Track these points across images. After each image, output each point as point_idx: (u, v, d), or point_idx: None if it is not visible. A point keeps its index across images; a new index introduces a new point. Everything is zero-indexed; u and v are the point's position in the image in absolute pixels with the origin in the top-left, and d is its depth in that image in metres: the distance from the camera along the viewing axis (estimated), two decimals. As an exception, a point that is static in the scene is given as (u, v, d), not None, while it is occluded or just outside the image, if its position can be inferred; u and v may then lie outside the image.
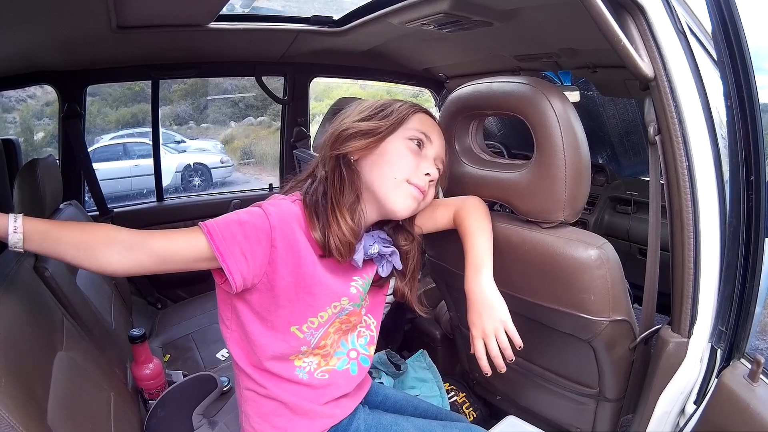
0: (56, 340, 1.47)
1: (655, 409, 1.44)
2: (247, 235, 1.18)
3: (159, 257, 1.18)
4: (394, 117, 1.36)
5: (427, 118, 1.43)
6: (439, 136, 1.44)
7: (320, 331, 1.33)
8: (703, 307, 1.36)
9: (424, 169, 1.36)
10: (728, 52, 1.20)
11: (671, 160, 1.34)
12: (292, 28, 2.76)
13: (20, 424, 0.97)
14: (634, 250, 3.04)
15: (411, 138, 1.37)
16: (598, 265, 1.38)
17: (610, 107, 3.28)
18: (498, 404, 2.17)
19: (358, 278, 1.39)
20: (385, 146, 1.35)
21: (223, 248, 1.17)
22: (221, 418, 1.75)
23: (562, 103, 1.38)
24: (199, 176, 11.12)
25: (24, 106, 11.81)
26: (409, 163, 1.35)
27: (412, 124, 1.38)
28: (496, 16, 2.10)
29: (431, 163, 1.39)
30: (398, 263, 1.44)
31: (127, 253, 1.15)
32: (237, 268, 1.17)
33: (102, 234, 1.18)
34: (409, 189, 1.34)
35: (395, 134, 1.36)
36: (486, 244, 1.44)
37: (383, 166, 1.34)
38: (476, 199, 1.56)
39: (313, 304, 1.28)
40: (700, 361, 1.38)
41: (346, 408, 1.44)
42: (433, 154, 1.40)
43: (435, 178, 1.41)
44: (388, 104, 1.40)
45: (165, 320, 2.92)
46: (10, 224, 1.09)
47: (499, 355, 1.27)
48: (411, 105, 1.42)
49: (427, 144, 1.39)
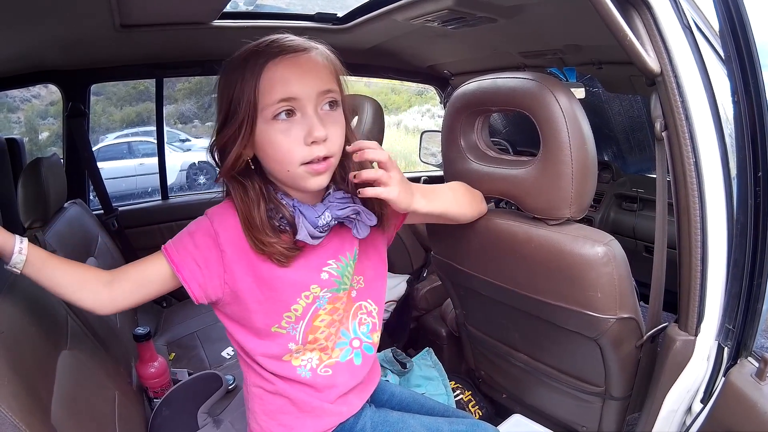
0: (60, 339, 1.47)
1: (662, 408, 1.43)
2: (198, 245, 1.21)
3: (135, 282, 1.26)
4: (243, 108, 1.13)
5: (273, 70, 1.14)
6: (303, 69, 1.16)
7: (300, 325, 1.29)
8: (711, 304, 1.35)
9: (308, 139, 1.13)
10: (735, 47, 1.19)
11: (678, 156, 1.33)
12: (295, 26, 2.74)
13: (24, 424, 0.97)
14: (640, 248, 3.03)
15: (275, 117, 1.14)
16: (605, 262, 1.38)
17: (616, 104, 3.27)
18: (504, 402, 2.17)
19: (332, 261, 1.29)
20: (258, 141, 1.16)
21: (177, 260, 1.21)
22: (226, 417, 1.75)
23: (568, 98, 1.38)
24: (204, 174, 11.16)
25: (28, 106, 11.88)
26: (289, 146, 1.14)
27: (264, 100, 1.13)
28: (501, 13, 2.09)
29: (313, 121, 1.14)
30: (369, 219, 1.28)
31: (110, 285, 1.24)
32: (192, 277, 1.20)
33: (91, 270, 1.29)
34: (305, 170, 1.16)
35: (258, 123, 1.14)
36: (448, 190, 1.48)
37: (270, 163, 1.19)
38: (463, 184, 1.58)
39: (281, 299, 1.25)
40: (707, 359, 1.37)
41: (353, 406, 1.42)
42: (311, 100, 1.15)
43: (325, 136, 1.15)
44: (225, 91, 1.17)
45: (170, 318, 2.92)
46: (16, 244, 1.14)
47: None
48: (247, 71, 1.14)
49: (297, 104, 1.14)
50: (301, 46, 1.18)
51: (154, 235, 3.34)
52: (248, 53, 1.17)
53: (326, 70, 1.20)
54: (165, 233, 3.32)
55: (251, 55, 1.15)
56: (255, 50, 1.16)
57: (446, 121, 1.72)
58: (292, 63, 1.15)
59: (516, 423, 1.84)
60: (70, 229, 2.32)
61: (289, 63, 1.15)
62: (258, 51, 1.16)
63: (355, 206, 1.26)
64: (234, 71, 1.16)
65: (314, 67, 1.18)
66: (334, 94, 1.20)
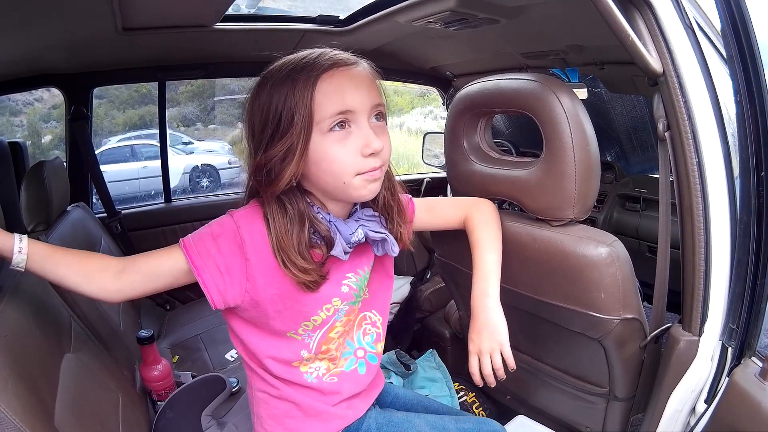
0: (64, 342, 1.47)
1: (666, 408, 1.43)
2: (221, 250, 1.17)
3: (146, 275, 1.22)
4: (298, 120, 1.11)
5: (329, 82, 1.13)
6: (357, 82, 1.17)
7: (317, 334, 1.29)
8: (714, 304, 1.35)
9: (366, 150, 1.15)
10: (737, 46, 1.19)
11: (681, 156, 1.33)
12: (298, 28, 2.74)
13: (27, 427, 0.97)
14: (643, 248, 3.02)
15: (331, 129, 1.13)
16: (609, 263, 1.37)
17: (618, 104, 3.26)
18: (508, 404, 2.17)
19: (351, 275, 1.31)
20: (311, 155, 1.14)
21: (199, 262, 1.17)
22: (230, 419, 1.74)
23: (570, 99, 1.38)
24: (207, 177, 11.19)
25: (31, 110, 11.90)
26: (346, 157, 1.14)
27: (321, 112, 1.12)
28: (503, 13, 2.09)
29: (368, 132, 1.16)
30: (393, 250, 1.31)
31: (119, 275, 1.20)
32: (213, 283, 1.17)
33: (97, 260, 1.26)
34: (362, 179, 1.17)
35: (313, 137, 1.13)
36: (495, 260, 1.44)
37: (322, 176, 1.17)
38: (489, 205, 1.55)
39: (302, 311, 1.25)
40: (711, 359, 1.37)
41: (358, 409, 1.42)
42: (365, 112, 1.17)
43: (382, 147, 1.17)
44: (270, 105, 1.14)
45: (174, 321, 2.92)
46: (15, 244, 1.12)
47: (491, 374, 1.31)
48: (299, 83, 1.12)
49: (352, 116, 1.15)
50: (351, 59, 1.19)
51: (157, 238, 3.34)
52: (294, 66, 1.15)
53: (374, 83, 1.21)
54: (168, 236, 3.35)
55: (302, 68, 1.14)
56: (304, 63, 1.15)
57: (449, 122, 1.72)
58: (346, 75, 1.15)
59: (520, 424, 1.83)
60: (73, 232, 2.32)
61: (343, 75, 1.15)
62: (309, 63, 1.14)
63: (384, 234, 1.28)
64: (281, 85, 1.14)
65: (366, 79, 1.19)
66: (382, 107, 1.22)
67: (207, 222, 1.21)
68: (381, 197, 1.29)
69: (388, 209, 1.33)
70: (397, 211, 1.35)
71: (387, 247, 1.29)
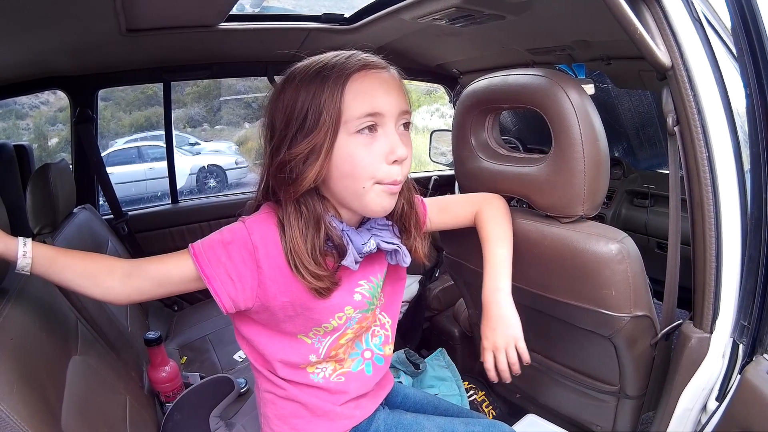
0: (70, 345, 1.47)
1: (677, 407, 1.42)
2: (232, 257, 1.16)
3: (155, 280, 1.21)
4: (325, 119, 1.09)
5: (360, 82, 1.12)
6: (387, 86, 1.15)
7: (328, 339, 1.29)
8: (725, 301, 1.34)
9: (391, 157, 1.13)
10: (747, 39, 1.18)
11: (691, 151, 1.32)
12: (302, 27, 2.73)
13: (33, 430, 0.97)
14: (653, 244, 3.01)
15: (358, 131, 1.11)
16: (619, 259, 1.36)
17: (626, 99, 3.25)
18: (518, 402, 2.16)
19: (364, 283, 1.29)
20: (335, 155, 1.12)
21: (209, 271, 1.15)
22: (239, 420, 1.74)
23: (579, 94, 1.37)
24: (214, 178, 11.25)
25: (37, 113, 11.97)
26: (370, 161, 1.13)
27: (350, 112, 1.10)
28: (509, 9, 2.08)
29: (395, 138, 1.14)
30: (404, 261, 1.30)
31: (126, 279, 1.19)
32: (224, 290, 1.16)
33: (104, 263, 1.24)
34: (381, 189, 1.15)
35: (339, 137, 1.11)
36: (506, 254, 1.43)
37: (342, 180, 1.15)
38: (498, 199, 1.54)
39: (313, 318, 1.23)
40: (722, 356, 1.36)
41: (366, 409, 1.42)
42: (393, 117, 1.15)
43: (406, 155, 1.16)
44: (296, 103, 1.12)
45: (181, 322, 2.93)
46: (19, 248, 1.12)
47: (507, 369, 1.32)
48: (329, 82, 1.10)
49: (380, 120, 1.13)
50: (382, 63, 1.19)
51: (164, 239, 3.35)
52: (324, 64, 1.13)
53: (403, 90, 1.20)
54: (175, 237, 3.36)
55: (332, 66, 1.12)
56: (335, 62, 1.13)
57: (456, 119, 1.71)
58: (377, 78, 1.14)
59: (530, 423, 1.82)
60: (80, 234, 2.32)
61: (374, 78, 1.14)
62: (339, 63, 1.13)
63: (396, 244, 1.27)
64: (309, 82, 1.12)
65: (396, 84, 1.18)
66: (409, 115, 1.20)
67: (214, 222, 1.21)
68: (399, 206, 1.28)
69: (405, 220, 1.32)
70: (414, 223, 1.34)
71: (399, 257, 1.29)
